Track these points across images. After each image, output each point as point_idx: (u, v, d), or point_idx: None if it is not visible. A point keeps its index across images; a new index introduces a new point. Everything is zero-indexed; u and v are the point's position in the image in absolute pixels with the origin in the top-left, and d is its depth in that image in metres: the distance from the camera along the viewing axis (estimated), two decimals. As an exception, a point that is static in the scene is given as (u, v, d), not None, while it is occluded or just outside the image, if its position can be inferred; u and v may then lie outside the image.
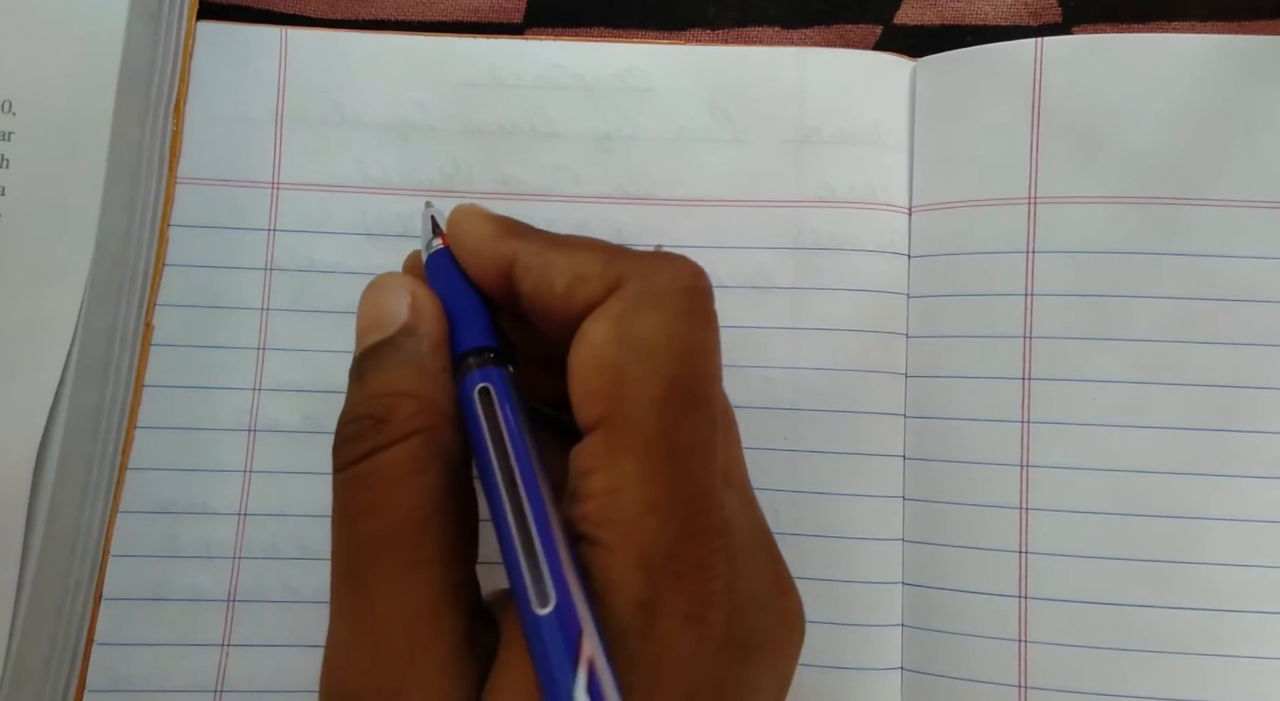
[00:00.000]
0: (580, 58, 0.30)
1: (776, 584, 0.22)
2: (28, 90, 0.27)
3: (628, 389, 0.20)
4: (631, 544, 0.19)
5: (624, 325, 0.20)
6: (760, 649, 0.20)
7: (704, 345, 0.21)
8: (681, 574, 0.19)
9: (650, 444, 0.19)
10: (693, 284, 0.21)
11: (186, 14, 0.30)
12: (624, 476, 0.19)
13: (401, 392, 0.21)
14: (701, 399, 0.20)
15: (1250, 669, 0.27)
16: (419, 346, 0.21)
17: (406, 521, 0.20)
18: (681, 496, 0.19)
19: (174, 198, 0.30)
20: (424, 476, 0.20)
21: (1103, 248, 0.28)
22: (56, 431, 0.27)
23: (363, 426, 0.21)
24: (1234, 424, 0.27)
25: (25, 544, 0.27)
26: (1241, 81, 0.28)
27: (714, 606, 0.19)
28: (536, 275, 0.21)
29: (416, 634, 0.19)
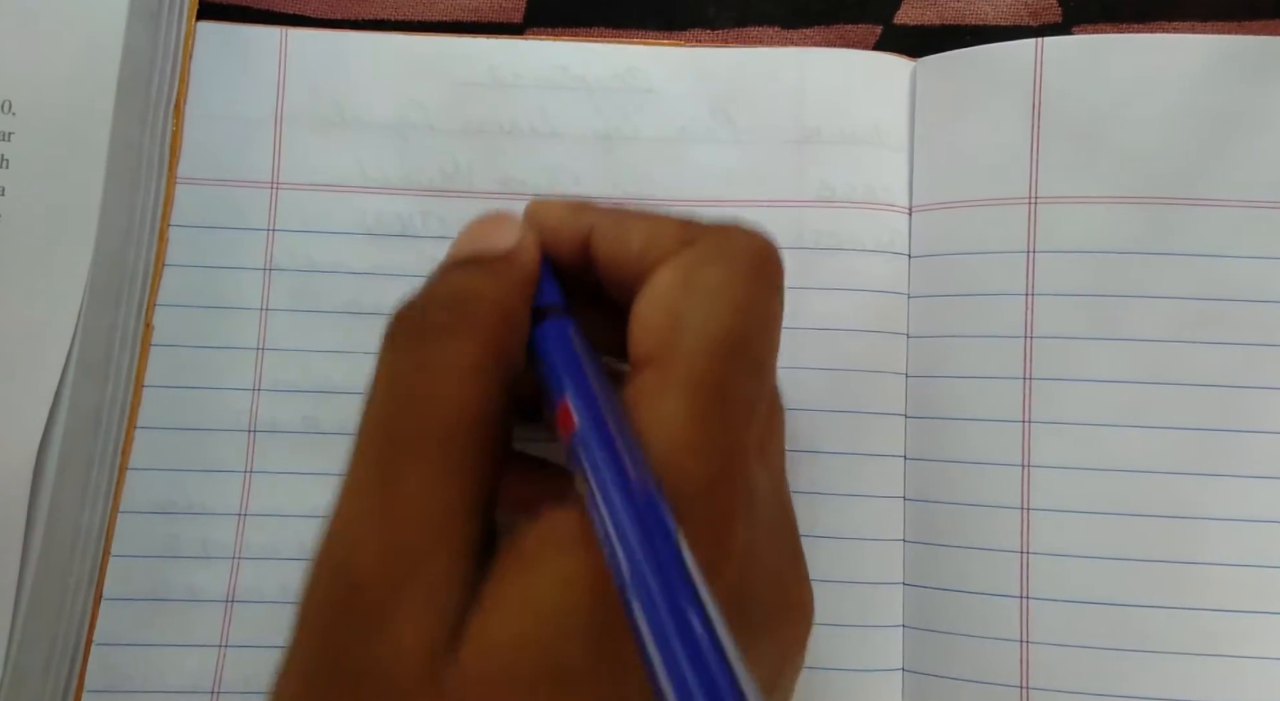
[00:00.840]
0: (581, 58, 0.30)
1: (792, 572, 0.22)
2: (28, 91, 0.27)
3: (686, 329, 0.20)
4: (663, 478, 0.18)
5: (691, 272, 0.21)
6: (762, 629, 0.20)
7: (767, 308, 0.21)
8: (705, 523, 0.18)
9: (700, 385, 0.19)
10: (766, 251, 0.21)
11: (186, 14, 0.30)
12: (669, 411, 0.19)
13: (485, 295, 0.21)
14: (754, 360, 0.20)
15: (1252, 669, 0.27)
16: (512, 273, 0.22)
17: (459, 418, 0.19)
18: (719, 445, 0.19)
19: (174, 198, 0.30)
20: (488, 379, 0.20)
21: (1103, 247, 0.28)
22: (56, 431, 0.27)
23: (438, 306, 0.21)
24: (1235, 424, 0.27)
25: (25, 544, 0.27)
26: (1242, 82, 0.28)
27: (728, 565, 0.19)
28: (612, 239, 0.22)
29: (436, 533, 0.18)
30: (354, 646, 0.18)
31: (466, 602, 0.18)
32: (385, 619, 0.18)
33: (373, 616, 0.18)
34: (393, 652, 0.17)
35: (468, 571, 0.18)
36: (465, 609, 0.18)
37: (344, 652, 0.18)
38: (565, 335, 0.21)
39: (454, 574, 0.18)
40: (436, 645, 0.17)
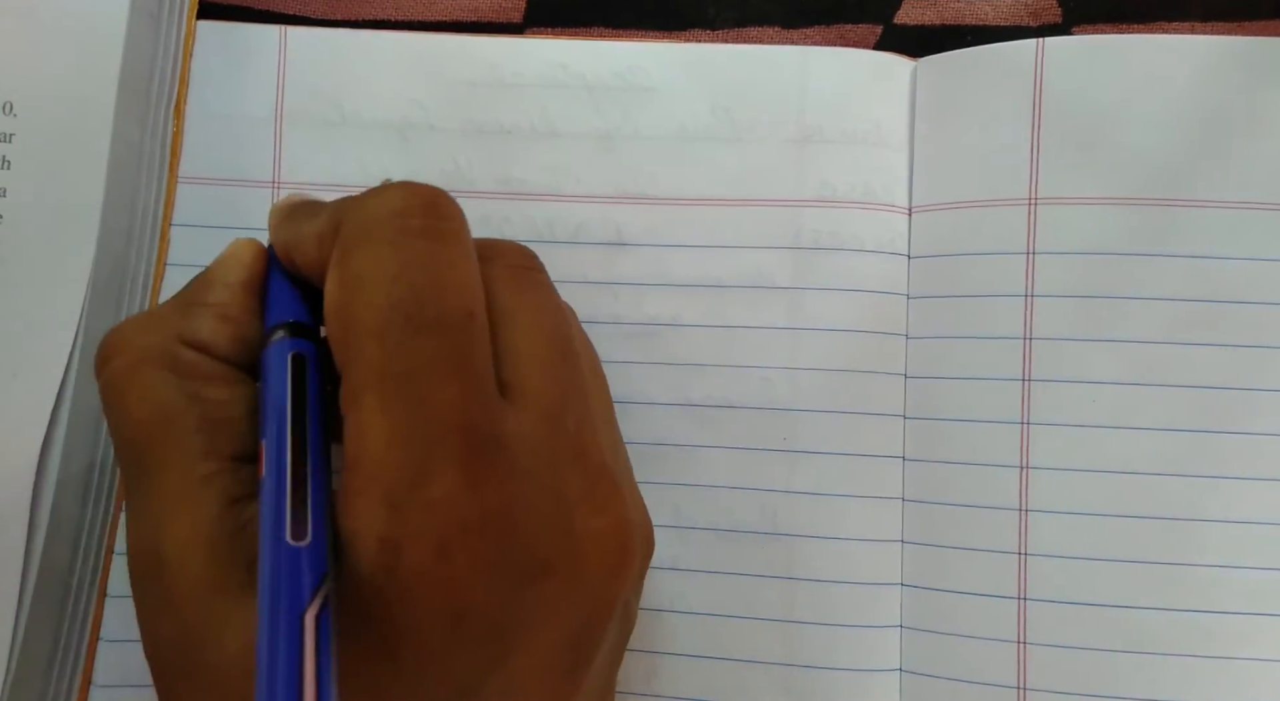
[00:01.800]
0: (581, 57, 0.30)
1: (583, 500, 0.21)
2: (29, 91, 0.27)
3: (353, 328, 0.20)
4: (375, 481, 0.19)
5: (342, 266, 0.20)
6: (549, 571, 0.20)
7: (422, 260, 0.20)
8: (432, 503, 0.18)
9: (379, 375, 0.19)
10: (403, 205, 0.21)
11: (187, 14, 0.30)
12: (363, 415, 0.19)
13: (115, 333, 0.23)
14: (429, 317, 0.19)
15: (1249, 670, 0.27)
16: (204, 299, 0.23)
17: (141, 424, 0.21)
18: (422, 421, 0.19)
19: (175, 198, 0.30)
20: (142, 386, 0.21)
21: (1103, 249, 0.28)
22: (59, 430, 0.27)
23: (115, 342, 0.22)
24: (1234, 425, 0.27)
25: (28, 542, 0.27)
26: (1242, 83, 0.28)
27: (473, 532, 0.19)
28: (299, 251, 0.22)
29: (164, 514, 0.20)
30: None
31: (238, 560, 0.20)
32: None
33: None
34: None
35: (218, 533, 0.20)
36: (239, 565, 0.20)
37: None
38: (272, 365, 0.21)
39: (197, 537, 0.20)
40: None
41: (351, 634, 0.18)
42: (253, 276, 0.23)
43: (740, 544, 0.29)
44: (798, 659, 0.28)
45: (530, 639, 0.20)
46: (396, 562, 0.18)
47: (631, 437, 0.29)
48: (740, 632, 0.29)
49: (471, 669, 0.19)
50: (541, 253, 0.30)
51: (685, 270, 0.30)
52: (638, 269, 0.30)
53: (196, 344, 0.22)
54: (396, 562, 0.18)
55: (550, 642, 0.20)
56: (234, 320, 0.22)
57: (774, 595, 0.29)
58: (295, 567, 0.18)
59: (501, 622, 0.19)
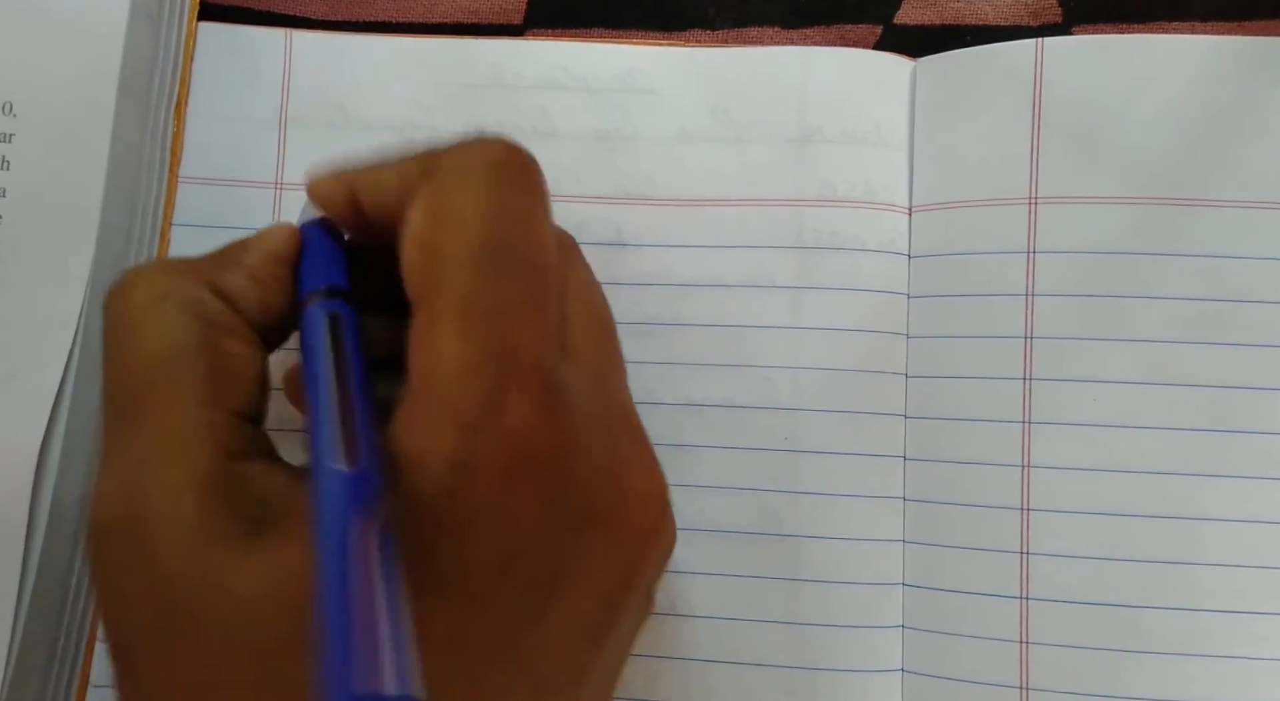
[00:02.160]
0: (582, 58, 0.30)
1: (632, 461, 0.21)
2: (29, 92, 0.28)
3: (440, 258, 0.20)
4: (448, 405, 0.18)
5: (435, 201, 0.20)
6: (596, 519, 0.20)
7: (517, 208, 0.21)
8: (505, 432, 0.18)
9: (464, 305, 0.19)
10: (504, 157, 0.21)
11: (187, 15, 0.30)
12: (440, 341, 0.19)
13: (139, 268, 0.22)
14: (518, 261, 0.20)
15: (1252, 670, 0.27)
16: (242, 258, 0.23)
17: (152, 359, 0.20)
18: (501, 353, 0.19)
19: (175, 198, 0.30)
20: (160, 322, 0.21)
21: (1103, 248, 0.28)
22: (58, 430, 0.27)
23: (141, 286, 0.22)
24: (1235, 424, 0.27)
25: (27, 542, 0.27)
26: (1242, 82, 0.28)
27: (540, 466, 0.19)
28: (371, 192, 0.22)
29: (157, 456, 0.19)
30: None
31: (231, 518, 0.19)
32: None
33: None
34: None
35: (210, 489, 0.19)
36: (234, 528, 0.19)
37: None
38: (317, 322, 0.21)
39: (184, 494, 0.19)
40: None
41: (407, 552, 0.18)
42: (286, 251, 0.23)
43: (741, 544, 0.29)
44: (800, 660, 0.28)
45: (570, 588, 0.20)
46: (466, 486, 0.18)
47: (632, 437, 0.29)
48: (742, 634, 0.29)
49: (515, 615, 0.19)
50: (542, 253, 0.30)
51: (686, 270, 0.30)
52: (638, 269, 0.30)
53: (224, 294, 0.22)
54: (466, 486, 0.18)
55: (588, 597, 0.20)
56: (263, 284, 0.23)
57: (775, 596, 0.29)
58: (353, 490, 0.17)
59: (549, 567, 0.19)
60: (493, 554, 0.19)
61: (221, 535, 0.18)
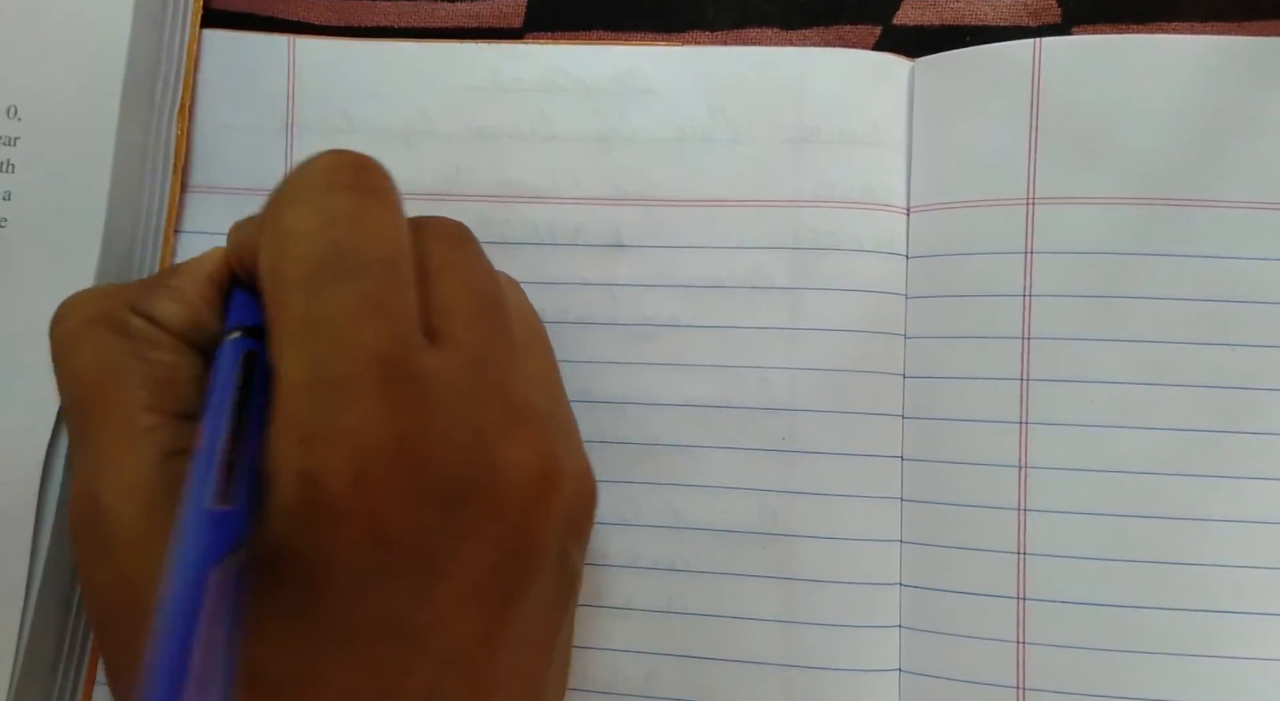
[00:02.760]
0: (580, 60, 0.31)
1: (503, 434, 0.21)
2: (33, 95, 0.28)
3: (277, 282, 0.20)
4: (291, 420, 0.19)
5: (269, 230, 0.21)
6: (467, 497, 0.20)
7: (346, 212, 0.21)
8: (345, 430, 0.19)
9: (299, 322, 0.20)
10: (330, 164, 0.22)
11: (190, 18, 0.30)
12: (281, 362, 0.20)
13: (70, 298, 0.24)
14: (351, 263, 0.20)
15: (1249, 670, 0.27)
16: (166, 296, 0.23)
17: (87, 377, 0.22)
18: (335, 358, 0.19)
19: (178, 202, 0.31)
20: (90, 343, 0.22)
21: (1101, 248, 0.28)
22: (64, 434, 0.27)
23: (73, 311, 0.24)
24: (1234, 425, 0.27)
25: (34, 542, 0.27)
26: (1242, 83, 0.28)
27: (390, 456, 0.19)
28: (245, 250, 0.23)
29: (105, 462, 0.21)
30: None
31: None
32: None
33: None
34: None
35: (151, 483, 0.21)
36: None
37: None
38: (221, 360, 0.22)
39: (131, 488, 0.21)
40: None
41: (277, 574, 0.19)
42: (218, 272, 0.24)
43: (738, 544, 0.29)
44: (796, 659, 0.28)
45: (454, 566, 0.20)
46: (315, 493, 0.19)
47: (630, 438, 0.30)
48: (738, 633, 0.29)
49: (398, 597, 0.20)
50: (541, 254, 0.30)
51: (684, 271, 0.30)
52: (637, 270, 0.30)
53: (146, 314, 0.23)
54: (315, 493, 0.19)
55: (476, 570, 0.20)
56: (188, 303, 0.23)
57: (772, 595, 0.29)
58: (207, 529, 0.18)
59: (425, 549, 0.20)
60: (361, 544, 0.19)
61: (161, 534, 0.20)
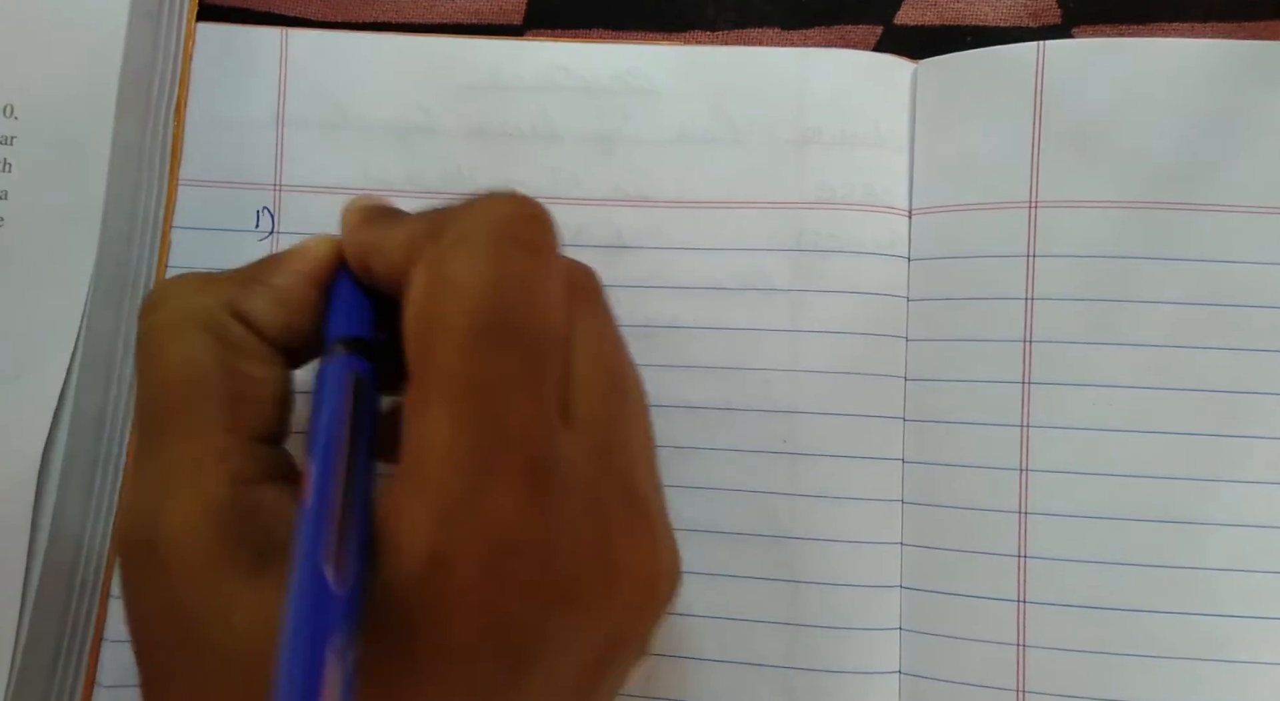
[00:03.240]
0: (582, 59, 0.30)
1: (624, 534, 0.20)
2: (30, 94, 0.28)
3: (435, 332, 0.19)
4: (430, 490, 0.18)
5: (435, 268, 0.20)
6: (578, 598, 0.19)
7: (519, 274, 0.20)
8: (485, 522, 0.18)
9: (456, 385, 0.19)
10: (510, 215, 0.21)
11: (186, 15, 0.30)
12: (429, 422, 0.19)
13: (168, 284, 0.23)
14: (515, 334, 0.19)
15: (1250, 674, 0.27)
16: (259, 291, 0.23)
17: (171, 382, 0.21)
18: (488, 436, 0.19)
19: (175, 200, 0.30)
20: (181, 344, 0.21)
21: (1103, 252, 0.28)
22: (61, 433, 0.27)
23: (162, 312, 0.22)
24: (1235, 429, 0.27)
25: (31, 543, 0.27)
26: (1244, 86, 0.28)
27: (521, 554, 0.19)
28: (380, 255, 0.22)
29: (172, 485, 0.20)
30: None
31: (240, 539, 0.20)
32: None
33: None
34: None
35: (220, 509, 0.20)
36: (240, 549, 0.19)
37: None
38: (328, 384, 0.21)
39: (193, 514, 0.20)
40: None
41: (378, 634, 0.18)
42: (319, 270, 0.23)
43: (740, 546, 0.29)
44: (797, 661, 0.28)
45: (552, 660, 0.20)
46: (444, 578, 0.18)
47: (631, 439, 0.29)
48: (740, 635, 0.29)
49: (490, 682, 0.19)
50: (542, 255, 0.30)
51: (685, 272, 0.30)
52: (638, 271, 0.30)
53: (246, 317, 0.22)
54: (444, 578, 0.18)
55: (570, 666, 0.20)
56: (288, 306, 0.22)
57: (773, 597, 0.29)
58: (333, 613, 0.17)
59: (527, 642, 0.19)
60: (469, 636, 0.19)
61: (227, 566, 0.19)
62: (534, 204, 0.21)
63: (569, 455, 0.20)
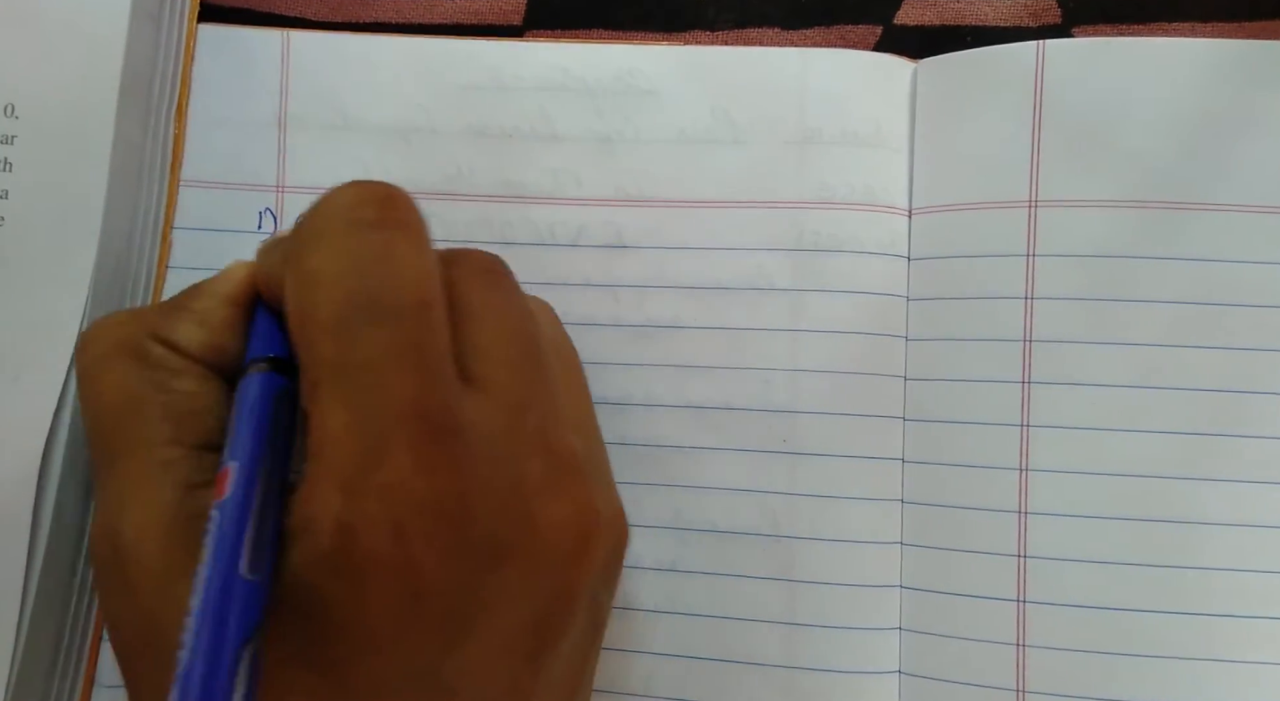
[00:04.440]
0: (582, 60, 0.30)
1: (545, 488, 0.21)
2: (30, 94, 0.28)
3: (307, 323, 0.20)
4: (331, 468, 0.19)
5: (295, 266, 0.21)
6: (506, 555, 0.20)
7: (375, 254, 0.20)
8: (386, 487, 0.19)
9: (336, 368, 0.19)
10: (354, 199, 0.21)
11: (188, 15, 0.30)
12: (322, 408, 0.19)
13: (93, 325, 0.24)
14: (383, 308, 0.20)
15: (1249, 674, 0.27)
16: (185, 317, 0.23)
17: (110, 408, 0.22)
18: (374, 409, 0.19)
19: (176, 200, 0.30)
20: (112, 373, 0.22)
21: (1103, 251, 0.28)
22: (61, 432, 0.27)
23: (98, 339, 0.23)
24: (1234, 428, 0.27)
25: (31, 543, 0.27)
26: (1243, 85, 0.28)
27: (429, 514, 0.19)
28: (271, 278, 0.22)
29: (125, 498, 0.21)
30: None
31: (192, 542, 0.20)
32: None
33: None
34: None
35: (172, 517, 0.20)
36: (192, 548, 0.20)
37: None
38: (247, 396, 0.21)
39: (149, 522, 0.20)
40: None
41: (303, 625, 0.19)
42: (237, 291, 0.24)
43: (739, 545, 0.29)
44: (797, 660, 0.28)
45: (489, 621, 0.20)
46: (352, 546, 0.19)
47: (631, 438, 0.29)
48: (739, 634, 0.29)
49: (428, 650, 0.19)
50: (543, 255, 0.30)
51: (686, 272, 0.30)
52: (638, 271, 0.30)
53: (167, 341, 0.23)
54: (352, 546, 0.19)
55: (510, 626, 0.20)
56: (210, 327, 0.23)
57: (773, 596, 0.29)
58: (248, 602, 0.18)
59: (459, 605, 0.19)
60: (394, 598, 0.19)
61: (182, 571, 0.20)
62: (380, 185, 0.22)
63: (474, 417, 0.20)
